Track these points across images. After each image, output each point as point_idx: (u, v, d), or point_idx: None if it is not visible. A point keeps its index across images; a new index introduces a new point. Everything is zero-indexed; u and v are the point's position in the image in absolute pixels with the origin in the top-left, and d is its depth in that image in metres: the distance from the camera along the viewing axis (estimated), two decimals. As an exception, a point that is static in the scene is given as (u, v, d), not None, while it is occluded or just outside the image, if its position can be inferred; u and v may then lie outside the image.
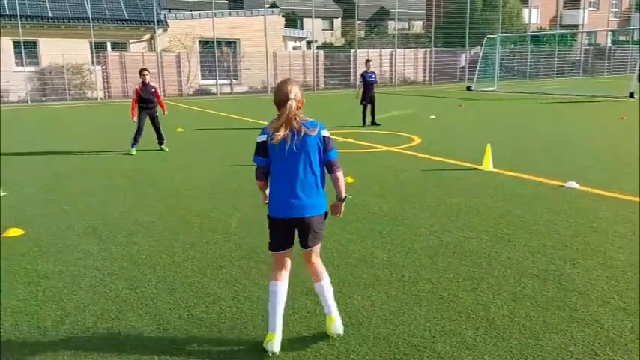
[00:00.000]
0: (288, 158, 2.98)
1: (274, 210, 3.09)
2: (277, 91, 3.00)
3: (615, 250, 4.61)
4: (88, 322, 3.51)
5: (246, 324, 3.46)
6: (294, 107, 2.94)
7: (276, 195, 3.07)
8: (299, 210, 3.02)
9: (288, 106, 2.92)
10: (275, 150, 2.98)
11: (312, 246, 3.18)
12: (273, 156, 3.01)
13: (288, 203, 3.02)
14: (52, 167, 9.05)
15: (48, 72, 24.96)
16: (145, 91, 10.08)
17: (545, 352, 3.04)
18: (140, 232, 5.39)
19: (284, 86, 2.99)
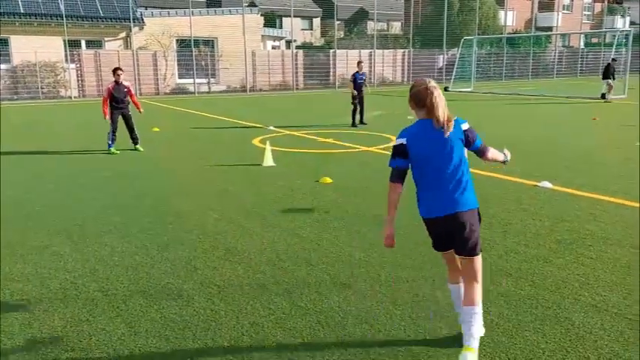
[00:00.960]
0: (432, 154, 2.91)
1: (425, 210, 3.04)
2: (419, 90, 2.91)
3: (586, 247, 4.68)
4: (57, 326, 3.42)
5: (220, 325, 3.41)
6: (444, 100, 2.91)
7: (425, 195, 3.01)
8: (450, 206, 2.94)
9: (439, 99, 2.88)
10: (422, 150, 2.90)
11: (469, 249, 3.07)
12: (419, 157, 2.93)
13: (440, 200, 2.96)
14: (27, 167, 8.84)
15: (20, 70, 24.40)
16: (117, 90, 9.95)
17: (518, 350, 3.06)
18: (113, 232, 5.29)
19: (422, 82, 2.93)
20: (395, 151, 2.97)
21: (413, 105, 2.97)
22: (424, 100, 2.89)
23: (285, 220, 5.63)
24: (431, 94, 2.86)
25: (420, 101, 2.91)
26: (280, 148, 10.01)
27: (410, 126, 2.97)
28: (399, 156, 2.95)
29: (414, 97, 2.94)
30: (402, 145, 2.94)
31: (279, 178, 7.61)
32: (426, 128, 2.90)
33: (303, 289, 3.93)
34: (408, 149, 2.92)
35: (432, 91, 2.87)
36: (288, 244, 4.87)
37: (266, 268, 4.32)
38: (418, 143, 2.91)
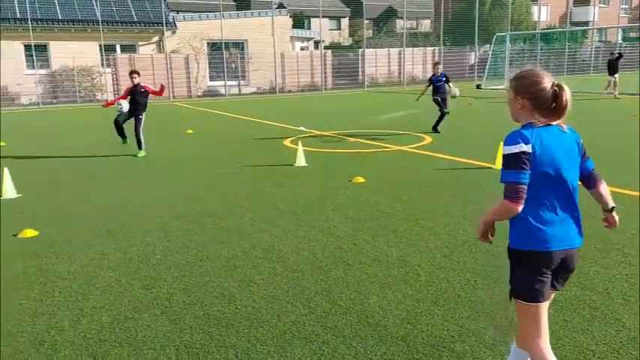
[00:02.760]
0: (561, 168, 2.27)
1: (542, 241, 2.26)
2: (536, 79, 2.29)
3: (634, 247, 4.55)
4: (104, 323, 3.51)
5: (262, 323, 3.45)
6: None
7: (547, 219, 2.27)
8: (573, 238, 2.33)
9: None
10: (542, 160, 2.23)
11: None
12: (538, 169, 2.23)
13: (563, 230, 2.29)
14: (64, 169, 9.10)
15: (58, 75, 25.13)
16: (135, 91, 10.10)
17: (568, 352, 3.00)
18: (154, 232, 5.39)
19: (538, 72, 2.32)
20: (515, 161, 2.22)
21: (527, 105, 2.29)
22: (550, 100, 2.25)
23: (320, 219, 5.64)
24: (564, 93, 2.25)
25: (543, 102, 2.25)
26: (311, 148, 10.05)
27: (524, 129, 2.28)
28: (523, 167, 2.21)
29: (534, 96, 2.26)
30: (525, 154, 2.21)
31: (311, 178, 7.63)
32: (551, 132, 2.27)
33: (342, 288, 3.94)
34: (533, 159, 2.21)
35: (563, 89, 2.25)
36: (324, 244, 4.88)
37: (304, 268, 4.35)
38: (546, 151, 2.23)
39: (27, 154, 10.66)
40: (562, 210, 2.28)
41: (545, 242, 2.25)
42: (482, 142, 10.22)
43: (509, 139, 2.27)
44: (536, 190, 2.24)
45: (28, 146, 11.76)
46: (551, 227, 2.26)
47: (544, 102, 2.25)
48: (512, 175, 2.22)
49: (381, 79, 32.19)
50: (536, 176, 2.23)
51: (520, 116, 2.34)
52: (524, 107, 2.31)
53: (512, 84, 2.35)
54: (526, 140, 2.22)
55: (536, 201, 2.25)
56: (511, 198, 2.22)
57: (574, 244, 2.33)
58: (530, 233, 2.26)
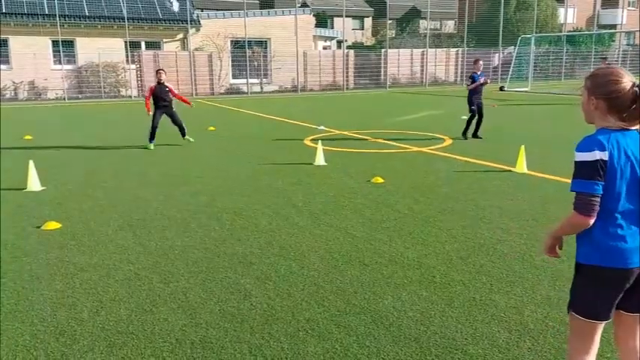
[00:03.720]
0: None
1: (611, 257, 2.11)
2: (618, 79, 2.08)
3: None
4: (122, 315, 3.59)
5: (277, 320, 3.48)
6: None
7: (621, 233, 2.11)
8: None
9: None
10: (619, 169, 2.06)
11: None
12: (614, 179, 2.07)
13: (637, 245, 2.12)
14: (88, 163, 9.28)
15: (84, 70, 25.59)
16: (159, 89, 10.57)
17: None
18: (173, 227, 5.48)
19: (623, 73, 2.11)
20: (589, 170, 2.05)
21: (602, 106, 2.11)
22: (628, 102, 2.05)
23: (337, 218, 5.66)
24: None
25: (620, 104, 2.06)
26: (331, 147, 10.07)
27: (599, 134, 2.10)
28: (596, 176, 2.04)
29: (611, 96, 2.07)
30: (601, 162, 2.04)
31: (330, 177, 7.66)
32: (630, 138, 2.09)
33: (357, 288, 3.95)
34: (607, 167, 2.04)
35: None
36: (341, 243, 4.90)
37: (319, 266, 4.37)
38: (624, 159, 2.06)
39: (52, 147, 10.89)
40: (637, 223, 2.11)
41: (616, 258, 2.10)
42: (504, 145, 10.13)
43: (582, 144, 2.09)
44: (610, 201, 2.08)
45: (53, 140, 12.01)
46: (624, 242, 2.09)
47: (622, 104, 2.06)
48: (585, 186, 2.05)
49: (403, 79, 32.06)
50: (611, 186, 2.06)
51: (594, 118, 2.16)
52: (599, 108, 2.11)
53: (586, 83, 2.17)
54: (602, 147, 2.04)
55: (609, 213, 2.09)
56: (582, 210, 2.07)
57: None
58: (600, 247, 2.11)
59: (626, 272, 2.12)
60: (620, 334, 2.33)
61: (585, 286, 2.20)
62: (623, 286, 2.15)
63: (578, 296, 2.23)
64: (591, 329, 2.21)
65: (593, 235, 2.12)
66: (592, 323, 2.20)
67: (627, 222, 2.11)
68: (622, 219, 2.11)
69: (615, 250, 2.10)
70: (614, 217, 2.10)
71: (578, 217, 2.10)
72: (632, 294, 2.18)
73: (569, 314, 2.29)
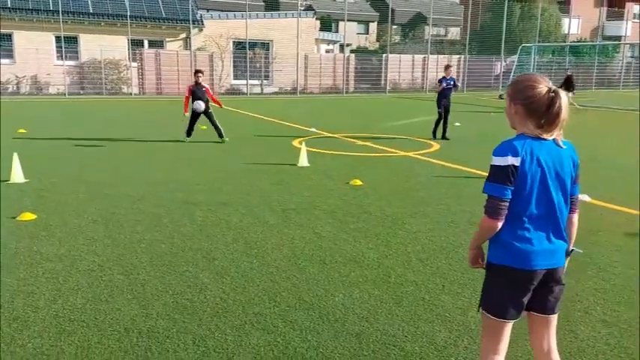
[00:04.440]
0: (549, 185, 2.17)
1: (518, 258, 2.18)
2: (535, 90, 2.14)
3: (611, 263, 4.54)
4: (78, 304, 3.68)
5: (226, 313, 3.57)
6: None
7: (529, 236, 2.18)
8: (555, 257, 2.23)
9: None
10: (530, 175, 2.13)
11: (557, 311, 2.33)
12: (524, 184, 2.14)
13: (545, 248, 2.20)
14: (77, 158, 9.39)
15: (87, 67, 25.81)
16: (197, 89, 10.94)
17: (514, 358, 3.04)
18: (145, 222, 5.57)
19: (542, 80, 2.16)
20: (500, 175, 2.12)
21: (521, 111, 2.17)
22: (544, 107, 2.11)
23: (308, 218, 5.75)
24: (558, 100, 2.09)
25: (537, 109, 2.12)
26: (318, 149, 10.16)
27: (516, 139, 2.17)
28: (506, 181, 2.11)
29: (527, 101, 2.13)
30: (512, 168, 2.11)
31: (310, 179, 7.75)
32: (544, 146, 2.15)
33: (311, 285, 4.03)
34: (518, 173, 2.12)
35: (558, 96, 2.09)
36: (306, 242, 4.99)
37: (280, 264, 4.46)
38: (535, 166, 2.13)
39: (44, 141, 11.02)
40: (546, 228, 2.19)
41: (522, 260, 2.17)
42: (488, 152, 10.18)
43: (498, 149, 2.17)
44: (519, 205, 2.15)
45: (46, 134, 12.15)
46: (531, 245, 2.17)
47: (538, 108, 2.11)
48: (495, 189, 2.13)
49: (403, 84, 32.16)
50: (521, 191, 2.13)
51: (515, 123, 2.24)
52: (518, 113, 2.18)
53: (508, 90, 2.26)
54: (515, 153, 2.11)
55: (518, 216, 2.16)
56: (491, 214, 2.15)
57: (555, 264, 2.22)
58: (508, 249, 2.19)
59: (531, 273, 2.19)
60: (533, 336, 2.39)
61: (494, 286, 2.28)
62: (529, 286, 2.22)
63: (488, 295, 2.31)
64: (500, 328, 2.28)
65: (502, 237, 2.20)
66: (501, 322, 2.27)
67: (534, 226, 2.18)
68: (529, 223, 2.18)
69: (522, 252, 2.17)
70: (522, 220, 2.17)
71: (487, 220, 2.18)
72: (540, 296, 2.26)
73: (479, 312, 2.37)
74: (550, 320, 2.33)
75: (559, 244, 2.23)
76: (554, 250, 2.21)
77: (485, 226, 2.20)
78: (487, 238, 2.25)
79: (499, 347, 2.31)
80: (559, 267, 2.25)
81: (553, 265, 2.22)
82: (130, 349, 3.13)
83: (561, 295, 2.31)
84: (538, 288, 2.24)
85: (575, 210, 2.32)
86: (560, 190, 2.20)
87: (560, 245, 2.24)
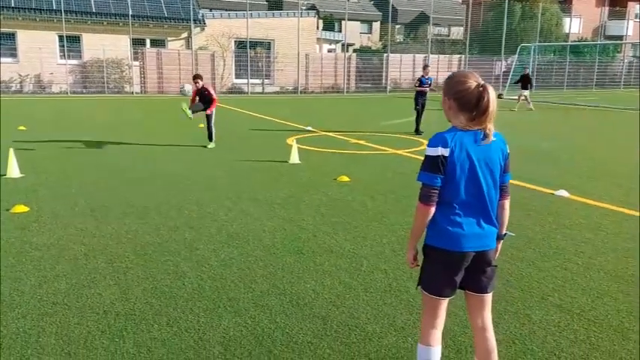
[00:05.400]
0: (478, 174, 2.33)
1: (450, 241, 2.35)
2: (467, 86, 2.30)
3: (577, 254, 4.71)
4: (62, 289, 3.88)
5: (202, 297, 3.76)
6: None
7: (459, 221, 2.35)
8: (485, 240, 2.40)
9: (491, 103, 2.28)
10: (459, 164, 2.29)
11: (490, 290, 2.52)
12: (453, 173, 2.30)
13: (475, 232, 2.37)
14: (72, 154, 9.62)
15: (89, 66, 26.09)
16: (200, 94, 10.76)
17: (466, 338, 3.22)
18: (133, 215, 5.78)
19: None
20: (432, 164, 2.30)
21: (454, 106, 2.34)
22: (474, 101, 2.28)
23: (292, 212, 5.94)
24: (487, 94, 2.26)
25: (467, 103, 2.29)
26: (310, 147, 10.35)
27: (447, 132, 2.33)
28: (437, 170, 2.29)
29: (458, 96, 2.30)
30: (442, 158, 2.29)
31: (299, 175, 7.94)
32: (474, 137, 2.32)
33: (285, 273, 4.22)
34: (448, 163, 2.29)
35: (486, 90, 2.27)
36: (286, 234, 5.18)
37: (259, 253, 4.65)
38: (464, 156, 2.29)
39: (42, 138, 11.26)
40: (475, 214, 2.36)
41: (453, 242, 2.35)
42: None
43: (431, 140, 2.34)
44: (450, 193, 2.32)
45: (45, 131, 12.39)
46: (461, 229, 2.34)
47: (469, 102, 2.28)
48: (427, 178, 2.31)
49: (404, 84, 32.29)
50: (450, 179, 2.30)
51: (450, 117, 2.39)
52: (452, 108, 2.35)
53: (443, 86, 2.40)
54: (445, 144, 2.28)
55: (449, 203, 2.34)
56: (424, 200, 2.33)
57: (485, 246, 2.39)
58: (442, 232, 2.36)
59: (462, 255, 2.38)
60: (470, 313, 2.58)
61: (430, 265, 2.47)
62: (460, 267, 2.41)
63: (425, 274, 2.50)
64: (436, 304, 2.48)
65: (436, 222, 2.39)
66: (437, 299, 2.47)
67: (464, 212, 2.36)
68: (460, 209, 2.36)
69: (453, 236, 2.36)
70: (453, 206, 2.36)
71: (421, 206, 2.35)
72: (474, 276, 2.45)
73: (418, 289, 2.56)
74: (484, 299, 2.52)
75: (488, 228, 2.40)
76: (483, 233, 2.39)
77: (420, 212, 2.37)
78: (424, 226, 2.40)
79: (437, 322, 2.51)
80: (489, 249, 2.42)
81: (483, 247, 2.39)
82: (107, 329, 3.33)
83: (493, 276, 2.49)
84: (471, 269, 2.42)
85: (506, 196, 2.49)
86: (490, 178, 2.37)
87: (490, 230, 2.41)
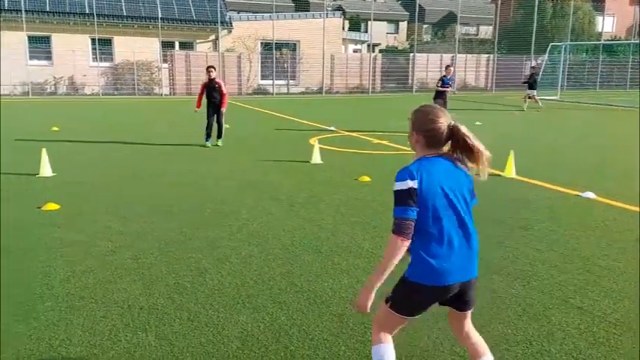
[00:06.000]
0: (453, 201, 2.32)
1: (429, 275, 2.29)
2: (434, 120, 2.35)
3: (601, 256, 4.64)
4: (89, 284, 4.03)
5: (222, 294, 3.86)
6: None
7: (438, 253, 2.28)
8: (467, 270, 2.36)
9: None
10: (430, 194, 2.27)
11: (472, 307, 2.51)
12: (427, 204, 2.27)
13: (456, 263, 2.31)
14: (102, 154, 9.89)
15: (120, 68, 26.69)
16: (210, 87, 10.78)
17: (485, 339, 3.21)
18: (159, 214, 5.92)
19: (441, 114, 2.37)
20: (402, 198, 2.26)
21: (421, 140, 2.37)
22: (444, 139, 2.34)
23: (312, 212, 6.00)
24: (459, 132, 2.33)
25: (437, 141, 2.35)
26: (333, 147, 10.41)
27: (412, 165, 2.34)
28: (409, 203, 2.25)
29: (427, 134, 2.35)
30: (411, 190, 2.26)
31: (320, 175, 8.00)
32: (440, 165, 2.34)
33: (304, 271, 4.29)
34: (420, 193, 2.26)
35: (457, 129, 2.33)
36: (306, 233, 5.24)
37: (278, 252, 4.73)
38: (433, 185, 2.28)
39: (74, 139, 11.60)
40: (454, 242, 2.29)
41: (440, 277, 2.27)
42: (502, 151, 10.22)
43: (398, 175, 2.32)
44: (426, 224, 2.26)
45: (77, 132, 12.74)
46: (442, 261, 2.27)
47: (438, 141, 2.34)
48: (400, 212, 2.25)
49: (431, 84, 32.02)
50: (424, 210, 2.25)
51: (416, 149, 2.42)
52: (419, 142, 2.39)
53: (411, 117, 2.42)
54: (412, 176, 2.26)
55: (427, 234, 2.27)
56: (399, 233, 2.24)
57: (467, 277, 2.34)
58: (423, 267, 2.28)
59: (445, 289, 2.31)
60: (453, 325, 2.58)
61: (408, 294, 2.38)
62: (441, 298, 2.36)
63: (399, 299, 2.40)
64: (402, 321, 2.46)
65: (418, 256, 2.30)
66: (402, 318, 2.43)
67: (444, 242, 2.28)
68: (441, 240, 2.28)
69: (437, 271, 2.27)
70: (432, 237, 2.28)
71: (395, 238, 2.25)
72: (457, 299, 2.41)
73: (385, 304, 2.44)
74: (467, 314, 2.50)
75: (471, 256, 2.34)
76: (467, 263, 2.33)
77: (393, 244, 2.25)
78: (395, 262, 2.27)
79: (393, 331, 2.50)
80: (472, 278, 2.37)
81: (467, 277, 2.34)
82: (130, 322, 3.45)
83: (474, 295, 2.45)
84: (454, 294, 2.36)
85: None
86: (464, 203, 2.34)
87: (472, 257, 2.35)
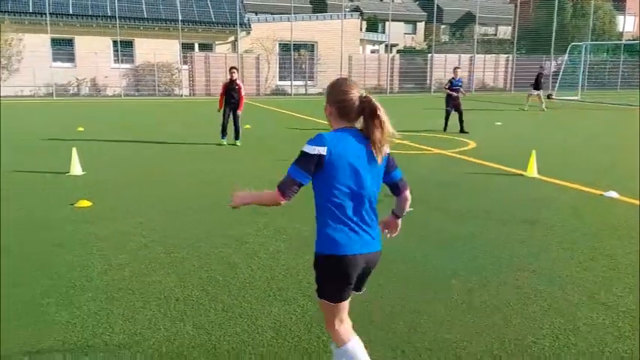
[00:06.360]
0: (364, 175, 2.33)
1: (337, 245, 2.32)
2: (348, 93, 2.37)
3: (625, 255, 4.68)
4: (125, 276, 4.20)
5: (253, 287, 3.99)
6: None
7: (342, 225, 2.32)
8: (371, 242, 2.39)
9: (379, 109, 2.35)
10: (340, 165, 2.28)
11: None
12: (335, 173, 2.28)
13: (363, 234, 2.36)
14: (130, 154, 10.13)
15: (141, 69, 27.11)
16: (230, 87, 11.03)
17: (511, 334, 3.31)
18: (188, 211, 6.09)
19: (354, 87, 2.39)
20: (304, 161, 2.29)
21: (334, 112, 2.39)
22: (356, 110, 2.35)
23: (337, 209, 6.11)
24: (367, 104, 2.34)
25: (349, 111, 2.36)
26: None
27: (328, 133, 2.35)
28: (307, 169, 2.28)
29: (339, 105, 2.36)
30: (318, 157, 2.27)
31: (344, 174, 8.10)
32: (354, 139, 2.34)
33: (332, 266, 4.40)
34: (325, 163, 2.28)
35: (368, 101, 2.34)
36: (332, 229, 5.35)
37: (304, 248, 4.84)
38: (343, 157, 2.29)
39: (100, 138, 11.88)
40: (358, 215, 2.32)
41: (342, 247, 2.29)
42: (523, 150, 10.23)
43: (312, 139, 2.33)
44: (332, 196, 2.29)
45: (102, 132, 13.04)
46: (346, 233, 2.30)
47: (350, 111, 2.34)
48: (295, 172, 2.29)
49: (449, 85, 31.98)
50: (330, 181, 2.27)
51: (330, 121, 2.44)
52: (332, 114, 2.40)
53: (326, 91, 2.45)
54: (324, 144, 2.27)
55: (332, 207, 2.30)
56: (282, 191, 2.31)
57: (371, 249, 2.37)
58: (328, 239, 2.31)
59: (353, 259, 2.32)
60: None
61: (325, 275, 2.39)
62: (354, 269, 2.35)
63: (322, 286, 2.43)
64: (340, 307, 2.45)
65: (324, 229, 2.34)
66: (336, 305, 2.43)
67: (349, 214, 2.32)
68: (344, 212, 2.31)
69: (342, 240, 2.31)
70: (337, 210, 2.31)
71: (278, 195, 2.33)
72: (363, 278, 2.46)
73: (319, 299, 2.47)
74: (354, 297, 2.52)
75: (374, 231, 2.39)
76: (367, 235, 2.36)
77: (272, 198, 2.37)
78: (262, 204, 2.55)
79: (342, 316, 2.48)
80: (377, 251, 2.41)
81: (369, 249, 2.36)
82: (168, 312, 3.60)
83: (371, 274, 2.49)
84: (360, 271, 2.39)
85: (405, 189, 2.54)
86: (374, 178, 2.36)
87: (376, 232, 2.40)
